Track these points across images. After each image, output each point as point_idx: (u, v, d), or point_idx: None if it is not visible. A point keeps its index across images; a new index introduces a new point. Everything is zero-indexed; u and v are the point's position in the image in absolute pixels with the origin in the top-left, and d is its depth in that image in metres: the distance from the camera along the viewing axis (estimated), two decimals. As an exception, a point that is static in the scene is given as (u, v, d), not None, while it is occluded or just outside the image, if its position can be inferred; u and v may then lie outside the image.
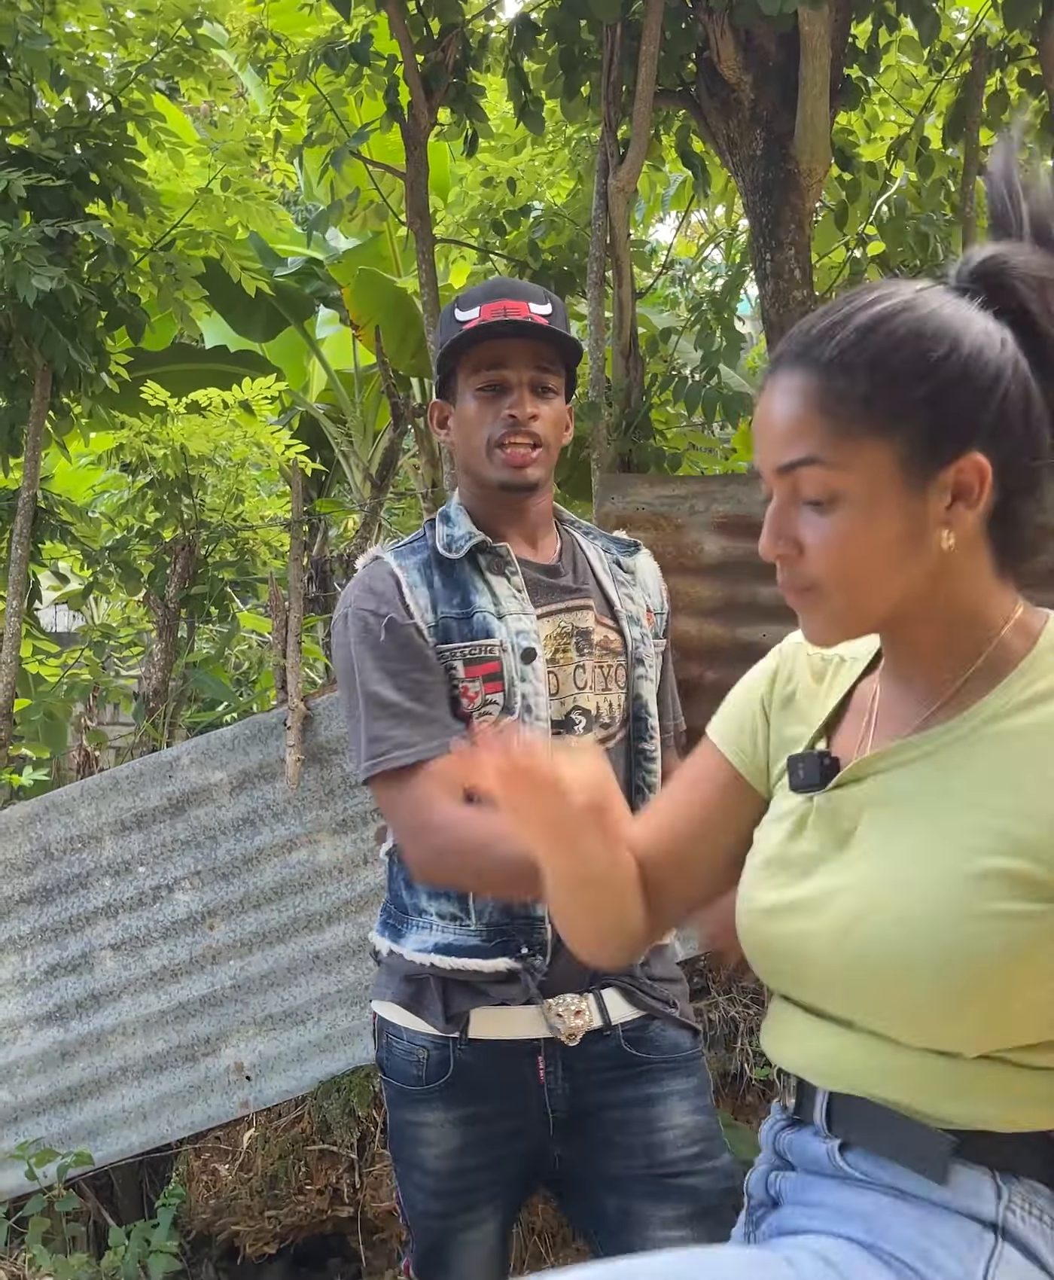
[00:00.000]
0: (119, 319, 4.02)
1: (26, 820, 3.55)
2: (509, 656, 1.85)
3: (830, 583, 1.09)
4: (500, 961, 1.86)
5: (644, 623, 1.99)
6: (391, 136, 4.28)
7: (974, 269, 1.09)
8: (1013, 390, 1.05)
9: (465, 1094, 1.90)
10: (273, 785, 3.50)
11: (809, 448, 1.07)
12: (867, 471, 1.06)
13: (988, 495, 1.06)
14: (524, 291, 1.93)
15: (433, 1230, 1.96)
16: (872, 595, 1.10)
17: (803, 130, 3.99)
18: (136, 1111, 3.44)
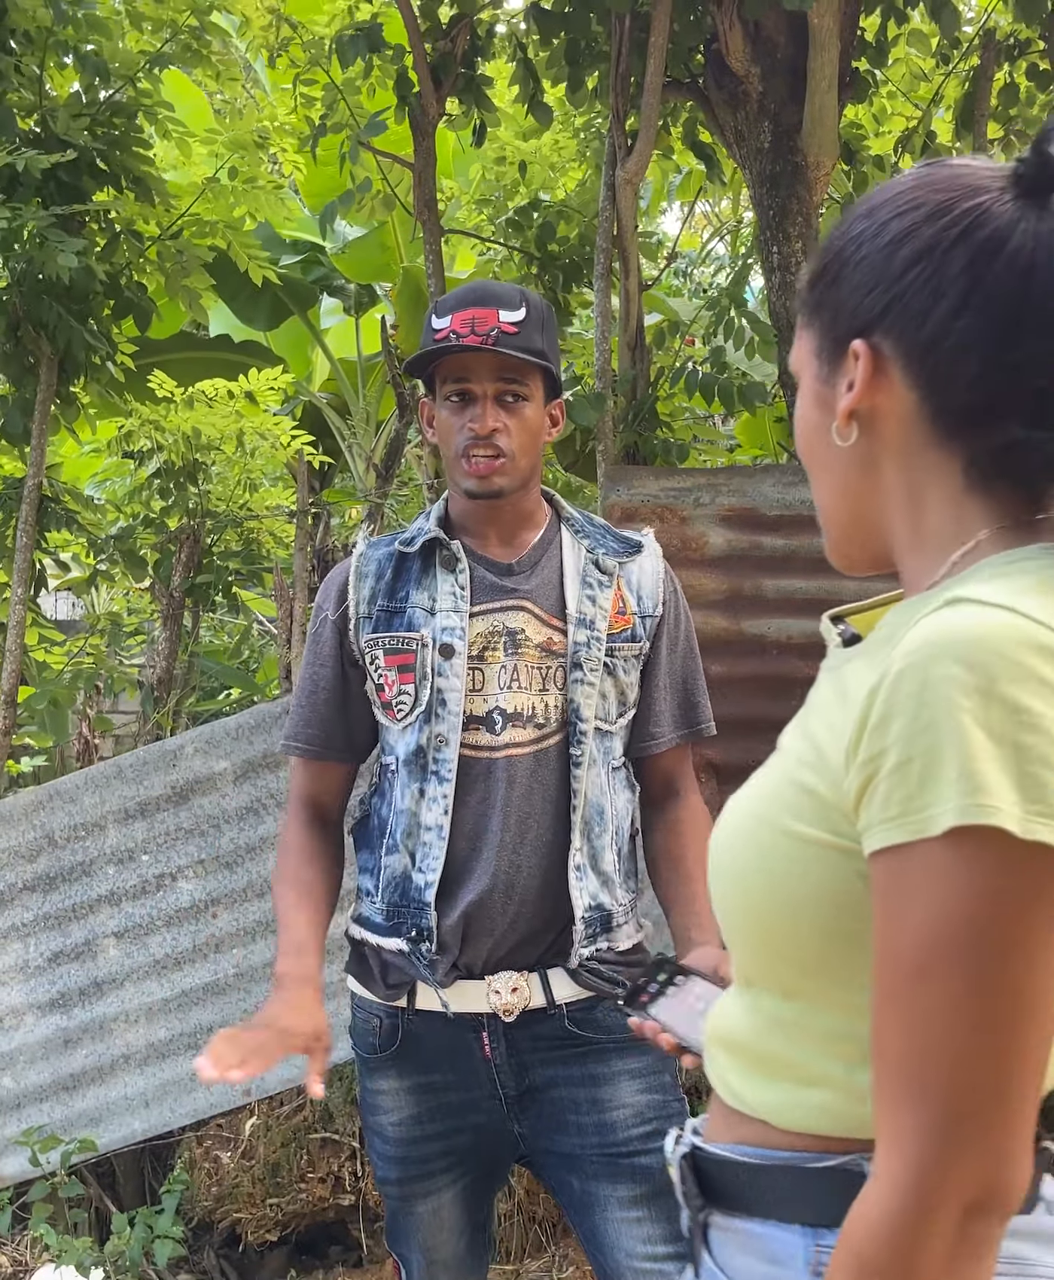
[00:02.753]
0: (126, 307, 4.02)
1: (30, 808, 3.55)
2: (427, 651, 1.93)
3: (812, 477, 1.08)
4: (394, 941, 1.95)
5: (600, 626, 1.99)
6: (397, 125, 4.27)
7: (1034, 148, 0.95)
8: (937, 275, 0.93)
9: (416, 1063, 1.98)
10: (276, 774, 3.51)
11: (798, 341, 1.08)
12: (801, 360, 1.05)
13: (888, 388, 0.97)
14: (496, 298, 1.95)
15: (393, 1198, 2.05)
16: (828, 492, 1.06)
17: (811, 123, 3.99)
18: (139, 1099, 3.45)
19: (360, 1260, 3.37)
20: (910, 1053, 0.83)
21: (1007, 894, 0.81)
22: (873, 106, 4.87)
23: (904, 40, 4.50)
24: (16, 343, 3.79)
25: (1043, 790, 0.80)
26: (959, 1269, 0.81)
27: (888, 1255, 0.81)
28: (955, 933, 0.81)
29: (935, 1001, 0.82)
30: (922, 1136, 0.81)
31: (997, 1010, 0.81)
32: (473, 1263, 2.10)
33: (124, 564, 4.25)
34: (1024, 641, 0.82)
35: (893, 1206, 0.81)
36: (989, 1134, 0.81)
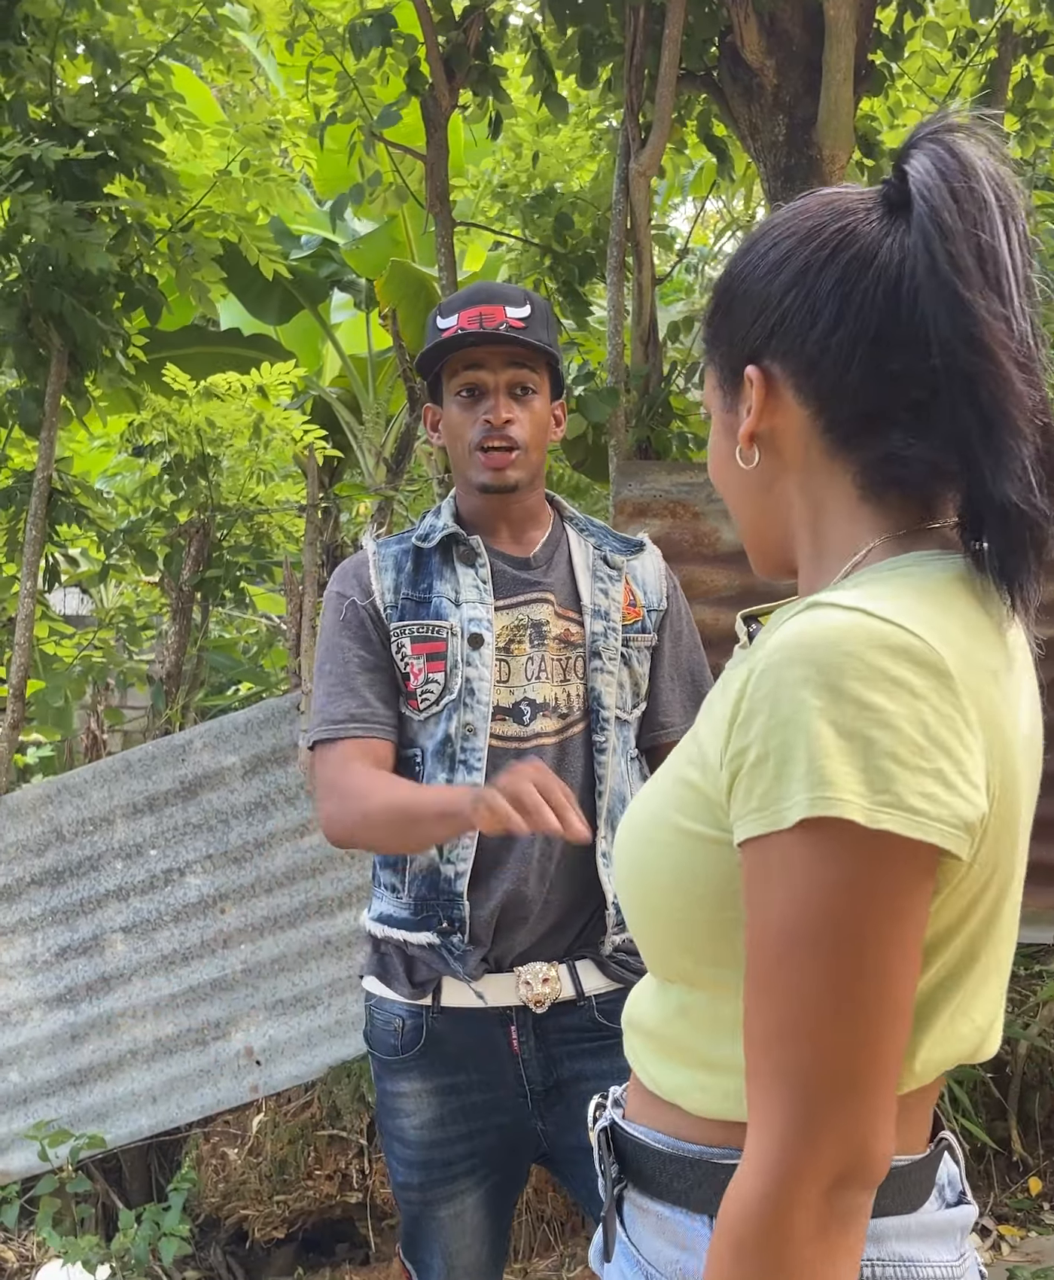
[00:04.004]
0: (137, 300, 4.00)
1: (38, 802, 3.54)
2: (457, 640, 1.93)
3: (729, 504, 1.12)
4: (423, 935, 1.92)
5: (614, 617, 2.02)
6: (410, 118, 4.25)
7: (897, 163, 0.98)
8: (811, 295, 0.96)
9: (441, 1064, 1.95)
10: (285, 770, 3.49)
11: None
12: (709, 395, 1.09)
13: (783, 409, 1.00)
14: (502, 295, 1.99)
15: (412, 1204, 2.01)
16: (744, 513, 1.09)
17: (826, 116, 3.96)
18: (146, 1095, 3.43)
19: (367, 1258, 3.35)
20: (773, 1037, 0.87)
21: (858, 882, 0.84)
22: (888, 100, 4.83)
23: (920, 33, 4.46)
24: (28, 335, 3.77)
25: (889, 782, 0.83)
26: (830, 1239, 0.84)
27: (762, 1231, 0.84)
28: (811, 920, 0.85)
29: (795, 986, 0.85)
30: (786, 1116, 0.85)
31: (853, 994, 0.85)
32: (493, 1268, 2.08)
33: (134, 558, 4.23)
34: (874, 642, 0.86)
35: (762, 1184, 0.84)
36: (849, 1112, 0.84)
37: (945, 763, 0.85)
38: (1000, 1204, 3.30)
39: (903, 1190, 1.00)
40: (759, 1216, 0.84)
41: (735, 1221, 0.86)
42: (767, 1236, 0.84)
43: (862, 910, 0.84)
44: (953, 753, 0.86)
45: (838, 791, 0.84)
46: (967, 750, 0.86)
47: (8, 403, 4.00)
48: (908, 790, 0.84)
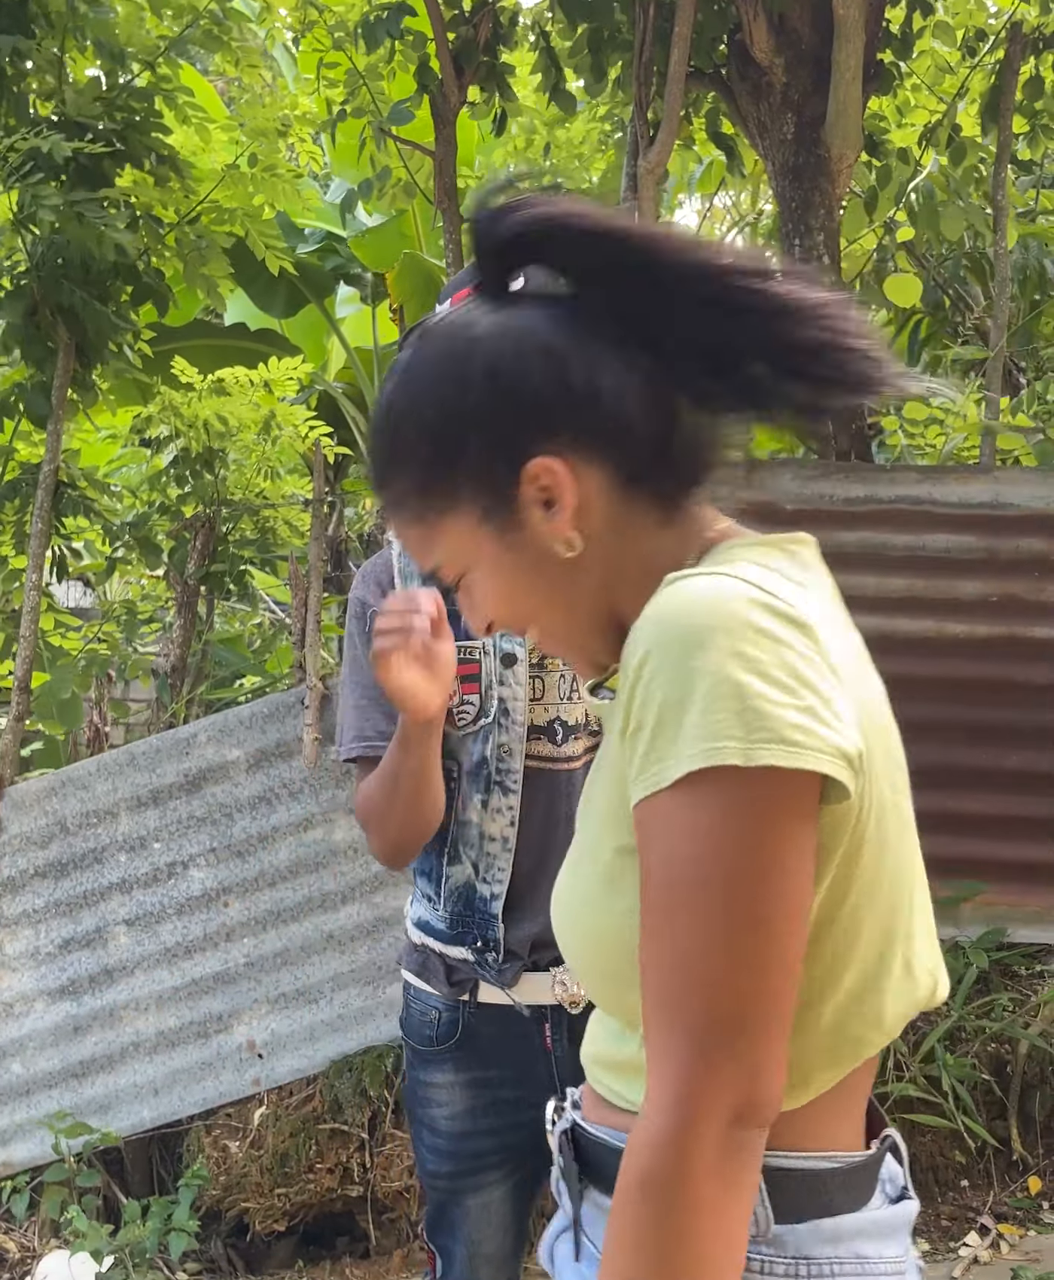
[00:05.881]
0: (144, 293, 4.00)
1: (42, 794, 3.55)
2: (489, 660, 1.88)
3: (534, 631, 1.10)
4: (458, 950, 1.91)
5: None
6: (419, 113, 4.25)
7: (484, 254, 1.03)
8: (522, 380, 0.99)
9: (474, 1057, 1.94)
10: (289, 764, 3.50)
11: (424, 558, 1.09)
12: (464, 543, 1.05)
13: (581, 479, 1.00)
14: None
15: (440, 1190, 2.02)
16: (564, 619, 1.08)
17: (835, 115, 3.97)
18: (148, 1087, 3.44)
19: (368, 1251, 3.36)
20: (667, 984, 0.89)
21: (746, 826, 0.87)
22: (897, 99, 4.84)
23: (929, 32, 4.47)
24: (35, 327, 3.77)
25: (763, 719, 0.86)
26: (728, 1175, 0.87)
27: (665, 1166, 0.86)
28: (700, 868, 0.87)
29: (687, 934, 0.87)
30: (680, 1059, 0.87)
31: (742, 938, 0.87)
32: (514, 1257, 2.08)
33: (139, 551, 4.24)
34: (734, 598, 0.90)
35: (663, 1124, 0.87)
36: (743, 1053, 0.87)
37: (815, 700, 0.88)
38: (1000, 1203, 3.32)
39: (853, 1188, 1.01)
40: (663, 1153, 0.86)
41: (640, 1159, 0.88)
42: (670, 1172, 0.86)
43: (747, 854, 0.86)
44: (821, 692, 0.88)
45: (716, 741, 0.86)
46: (834, 690, 0.89)
47: (15, 395, 4.01)
48: (783, 724, 0.86)
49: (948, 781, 3.56)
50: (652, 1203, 0.87)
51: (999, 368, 4.27)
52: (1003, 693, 3.59)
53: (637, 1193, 0.88)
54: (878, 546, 3.64)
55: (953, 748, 3.58)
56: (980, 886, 3.50)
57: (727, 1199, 0.87)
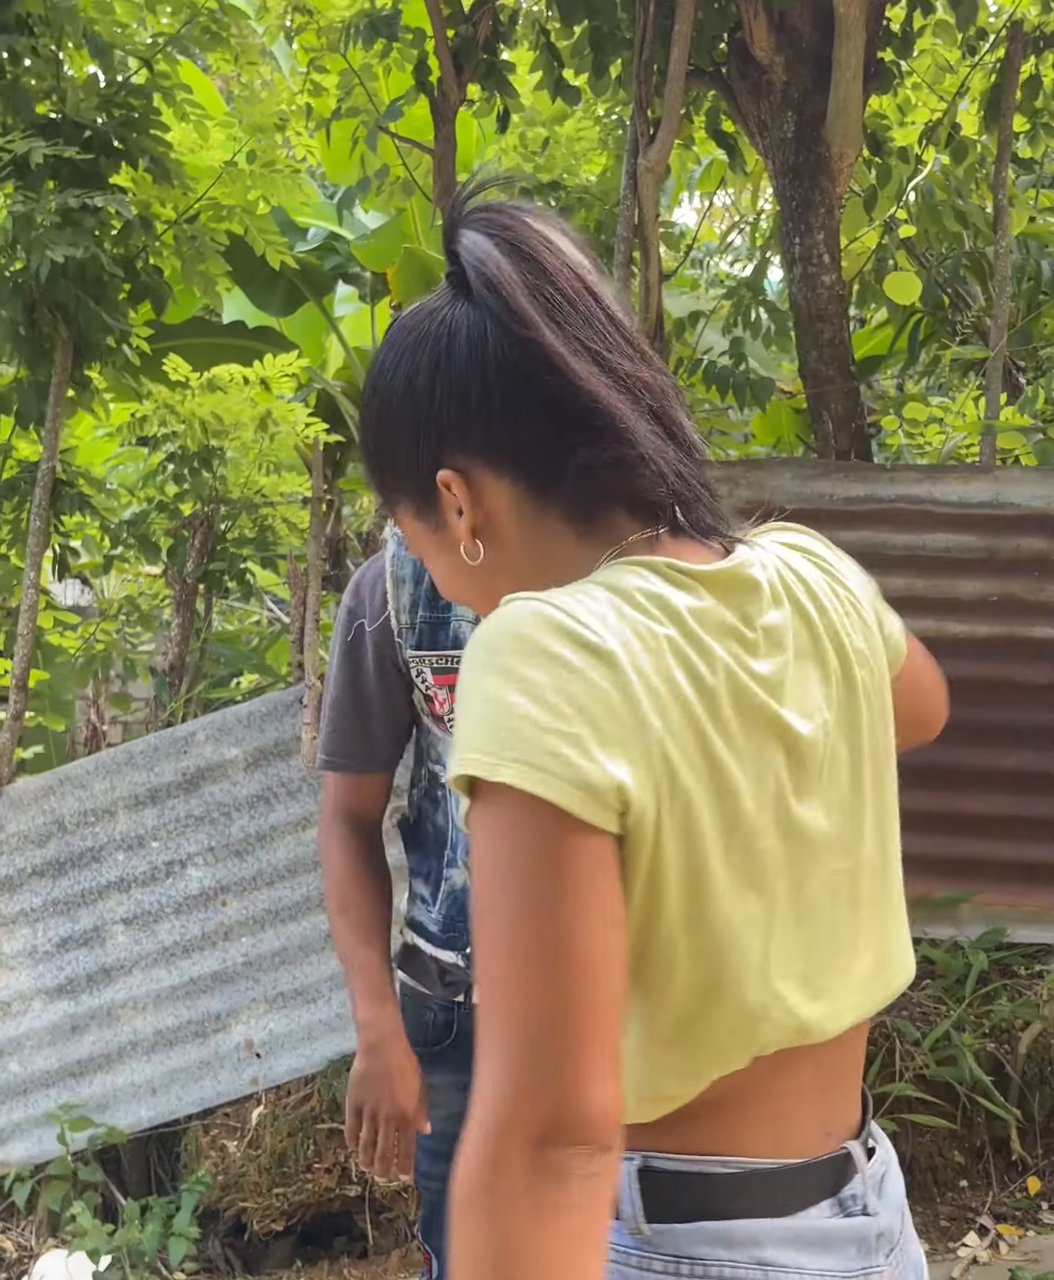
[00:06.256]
0: (142, 292, 3.99)
1: (40, 793, 3.54)
2: None
3: (476, 607, 1.15)
4: (448, 954, 1.90)
5: None
6: (418, 111, 4.23)
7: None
8: (455, 385, 1.03)
9: (469, 1059, 1.90)
10: (288, 763, 3.49)
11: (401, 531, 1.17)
12: (411, 530, 1.12)
13: (489, 492, 1.04)
14: None
15: (434, 1191, 2.00)
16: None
17: (835, 113, 3.96)
18: (146, 1086, 3.44)
19: (366, 1251, 3.36)
20: (485, 992, 0.89)
21: (511, 841, 0.88)
22: (897, 97, 4.83)
23: (930, 31, 4.46)
24: (33, 325, 3.76)
25: (518, 741, 0.87)
26: (540, 1195, 0.84)
27: (476, 1185, 0.86)
28: (491, 878, 0.88)
29: (489, 942, 0.88)
30: (494, 1071, 0.87)
31: (532, 953, 0.86)
32: None
33: (138, 549, 4.23)
34: (538, 623, 0.91)
35: (475, 1137, 0.86)
36: (550, 1068, 0.85)
37: (586, 730, 0.88)
38: (999, 1203, 3.31)
39: (768, 1194, 1.00)
40: (474, 1171, 0.86)
41: (459, 1177, 0.87)
42: (479, 1191, 0.85)
43: (521, 869, 0.87)
44: (599, 725, 0.88)
45: (469, 752, 0.88)
46: (619, 725, 0.89)
47: (12, 393, 4.00)
48: (536, 749, 0.87)
49: (947, 781, 3.56)
50: (467, 1223, 0.86)
51: (999, 367, 4.27)
52: (1003, 692, 3.59)
53: (456, 1212, 0.87)
54: (877, 546, 3.63)
55: (952, 748, 3.55)
56: (966, 895, 3.50)
57: (537, 1224, 0.85)
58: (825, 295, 4.08)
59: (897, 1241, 1.08)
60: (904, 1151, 3.37)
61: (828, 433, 4.08)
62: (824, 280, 4.07)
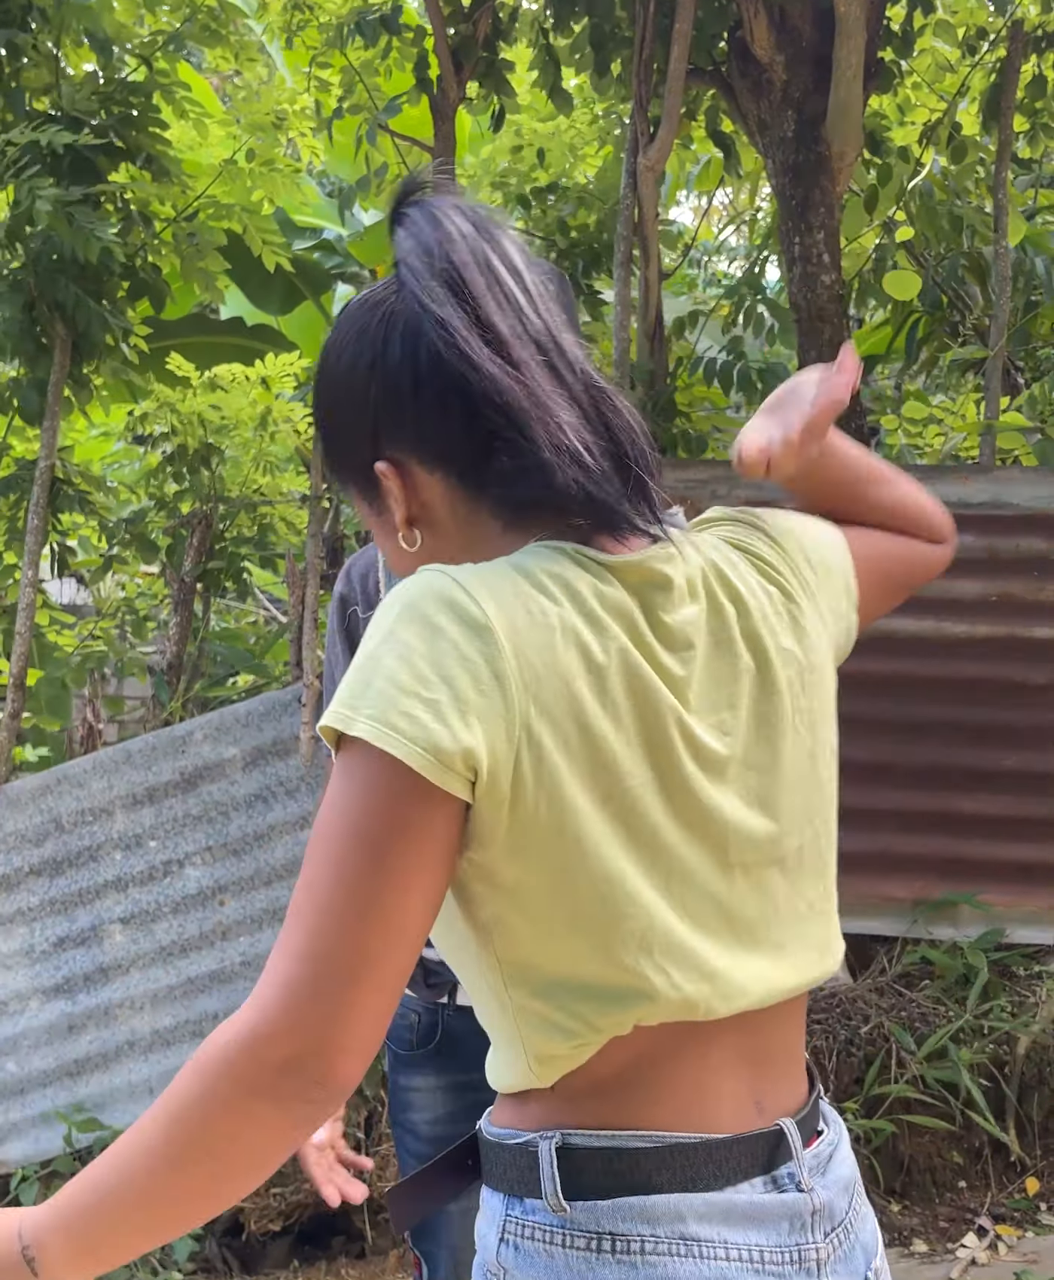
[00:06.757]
0: (141, 289, 3.98)
1: (38, 792, 3.53)
2: None
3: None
4: (432, 952, 1.88)
5: None
6: (417, 109, 4.23)
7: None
8: (389, 377, 1.06)
9: (454, 1061, 1.91)
10: (286, 762, 3.49)
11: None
12: (365, 517, 1.16)
13: (423, 484, 1.07)
14: None
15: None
16: None
17: (835, 113, 3.95)
18: (143, 1085, 3.43)
19: (363, 1251, 3.35)
20: (288, 918, 0.93)
21: (353, 789, 0.92)
22: (897, 97, 4.82)
23: (930, 30, 4.45)
24: (31, 323, 3.75)
25: (378, 699, 0.91)
26: (254, 1109, 0.89)
27: (199, 1070, 0.90)
28: (324, 819, 0.93)
29: (307, 875, 0.92)
30: (270, 986, 0.90)
31: (340, 892, 0.90)
32: None
33: (136, 548, 4.22)
34: (429, 593, 0.96)
35: (228, 1031, 0.90)
36: (320, 1001, 0.89)
37: (446, 696, 0.92)
38: (998, 1204, 3.31)
39: (692, 1168, 1.01)
40: (206, 1057, 0.89)
41: (204, 1046, 0.90)
42: (199, 1076, 0.89)
43: (357, 816, 0.91)
44: (461, 693, 0.92)
45: (336, 705, 0.93)
46: (482, 695, 0.93)
47: (10, 391, 3.99)
48: (392, 709, 0.91)
49: (947, 782, 3.56)
50: (181, 1089, 0.90)
51: (999, 367, 4.26)
52: (1002, 693, 3.59)
53: (185, 1073, 0.91)
54: (877, 546, 3.63)
55: (952, 748, 3.58)
56: (966, 896, 3.49)
57: (241, 1124, 0.89)
58: (825, 295, 4.07)
59: (840, 1221, 1.07)
60: (903, 1152, 3.37)
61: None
62: (824, 280, 4.07)
